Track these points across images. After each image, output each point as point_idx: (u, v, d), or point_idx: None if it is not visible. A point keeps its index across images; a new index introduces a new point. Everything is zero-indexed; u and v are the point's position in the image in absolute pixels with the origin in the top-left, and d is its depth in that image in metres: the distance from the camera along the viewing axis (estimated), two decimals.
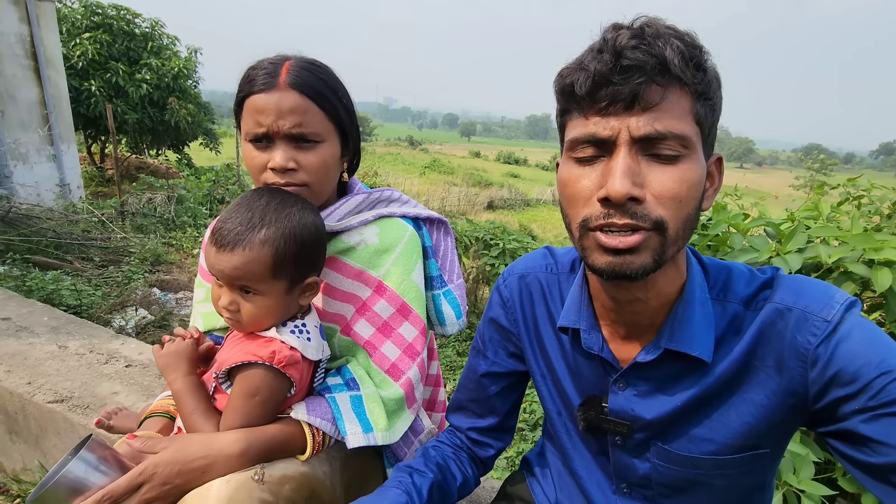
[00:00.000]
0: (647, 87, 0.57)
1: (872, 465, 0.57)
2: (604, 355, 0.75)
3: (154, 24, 11.57)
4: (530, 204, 24.54)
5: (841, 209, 1.98)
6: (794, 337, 0.62)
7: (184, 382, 0.90)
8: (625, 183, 0.57)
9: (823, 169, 42.57)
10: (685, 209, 0.60)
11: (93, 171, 11.48)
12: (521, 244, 5.53)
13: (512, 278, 0.90)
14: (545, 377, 0.86)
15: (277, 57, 0.94)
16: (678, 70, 0.56)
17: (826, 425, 0.63)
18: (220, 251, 0.83)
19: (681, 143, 0.58)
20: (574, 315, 0.77)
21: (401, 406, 0.99)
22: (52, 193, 7.39)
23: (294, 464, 0.88)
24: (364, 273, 1.02)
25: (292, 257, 0.86)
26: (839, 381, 0.59)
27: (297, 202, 0.89)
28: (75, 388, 1.55)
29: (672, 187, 0.58)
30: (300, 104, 0.89)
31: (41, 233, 5.37)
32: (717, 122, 0.64)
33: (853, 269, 1.46)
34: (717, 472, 0.70)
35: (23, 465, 1.65)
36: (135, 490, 0.77)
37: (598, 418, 0.76)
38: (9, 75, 7.13)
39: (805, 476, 1.35)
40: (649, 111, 0.57)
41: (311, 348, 0.91)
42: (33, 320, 1.97)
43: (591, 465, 0.83)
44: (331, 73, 0.97)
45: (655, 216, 0.58)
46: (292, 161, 0.91)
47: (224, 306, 0.87)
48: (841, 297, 0.62)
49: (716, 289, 0.70)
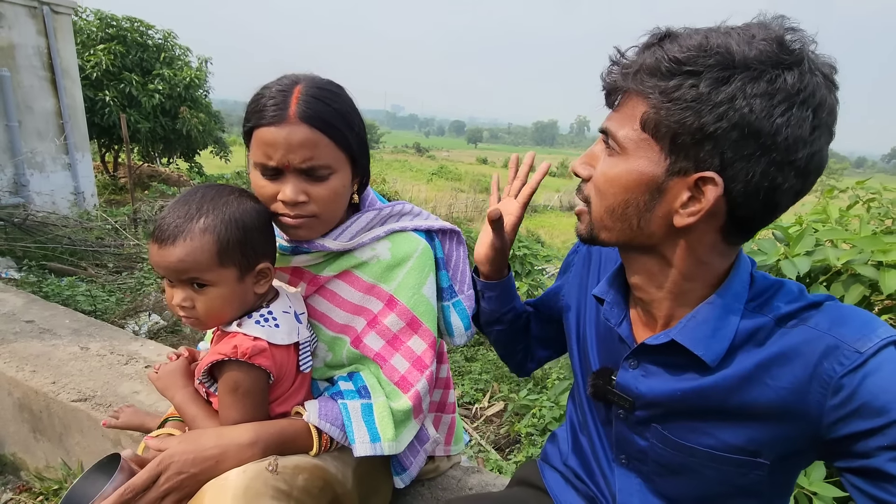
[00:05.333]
0: (612, 94, 0.69)
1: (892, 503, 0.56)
2: (619, 331, 0.79)
3: (167, 36, 11.79)
4: (538, 210, 24.49)
5: (850, 212, 1.98)
6: (821, 363, 0.61)
7: (182, 395, 0.95)
8: (575, 162, 0.76)
9: (832, 174, 42.19)
10: (606, 199, 0.69)
11: (106, 180, 11.66)
12: (530, 251, 5.54)
13: (583, 245, 1.00)
14: (579, 338, 0.92)
15: (287, 80, 0.91)
16: (629, 80, 0.64)
17: (844, 459, 0.61)
18: (162, 246, 0.83)
19: (615, 140, 0.67)
20: (605, 287, 0.83)
21: (408, 417, 1.01)
22: (67, 201, 7.51)
23: (307, 456, 0.91)
24: (376, 287, 1.03)
25: (237, 242, 0.86)
26: (864, 414, 0.58)
27: (234, 191, 0.90)
28: (97, 388, 1.59)
29: (598, 175, 0.71)
30: (310, 138, 0.87)
31: (57, 240, 5.47)
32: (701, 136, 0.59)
33: (862, 271, 1.46)
34: (711, 464, 0.71)
35: (46, 463, 1.69)
36: (153, 481, 0.80)
37: (605, 388, 0.80)
38: (26, 86, 7.30)
39: (816, 478, 1.36)
40: (614, 111, 0.69)
41: (280, 333, 0.91)
42: (55, 323, 2.02)
43: (599, 431, 0.87)
44: (343, 98, 0.94)
45: (586, 194, 0.73)
46: (303, 194, 0.90)
47: (178, 304, 0.87)
48: (884, 333, 0.60)
49: (755, 301, 0.69)
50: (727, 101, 0.57)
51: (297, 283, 1.07)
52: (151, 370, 1.00)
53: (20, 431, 1.72)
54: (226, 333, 0.92)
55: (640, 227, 0.68)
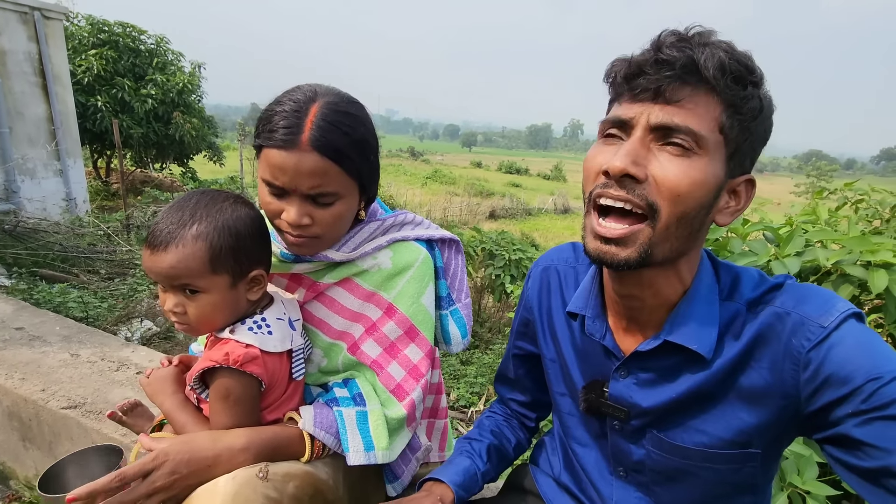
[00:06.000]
0: (674, 83, 0.60)
1: (865, 468, 0.58)
2: (605, 343, 0.78)
3: (159, 41, 11.77)
4: (532, 213, 24.58)
5: (839, 213, 2.00)
6: (790, 340, 0.64)
7: (171, 402, 0.94)
8: (625, 160, 0.61)
9: (822, 176, 42.57)
10: (681, 205, 0.61)
11: (98, 186, 11.60)
12: (524, 254, 5.56)
13: (535, 270, 0.96)
14: (554, 361, 0.90)
15: (303, 97, 0.87)
16: (710, 75, 0.59)
17: (820, 431, 0.64)
18: (155, 252, 0.83)
19: (695, 139, 0.60)
20: (582, 302, 0.81)
21: (401, 425, 1.01)
22: (59, 208, 7.46)
23: (297, 463, 0.90)
24: (376, 294, 1.03)
25: (229, 249, 0.85)
26: (831, 385, 0.60)
27: (228, 197, 0.90)
28: (88, 395, 1.58)
29: (672, 178, 0.61)
30: (320, 167, 0.85)
31: (48, 246, 5.42)
32: (753, 143, 0.65)
33: (850, 271, 1.48)
34: (706, 464, 0.72)
35: (35, 472, 1.67)
36: (145, 476, 0.79)
37: (599, 402, 0.79)
38: (17, 92, 7.26)
39: (809, 477, 1.36)
40: (672, 105, 0.61)
41: (273, 341, 0.91)
42: (46, 329, 2.00)
43: (591, 447, 0.86)
44: (361, 124, 0.91)
45: (651, 199, 0.61)
46: (307, 217, 0.89)
47: (170, 309, 0.87)
48: (843, 307, 0.63)
49: (725, 290, 0.72)
50: (769, 115, 0.65)
51: (295, 288, 1.06)
52: (143, 375, 1.00)
53: (9, 440, 1.70)
54: (218, 340, 0.91)
55: (694, 234, 0.65)
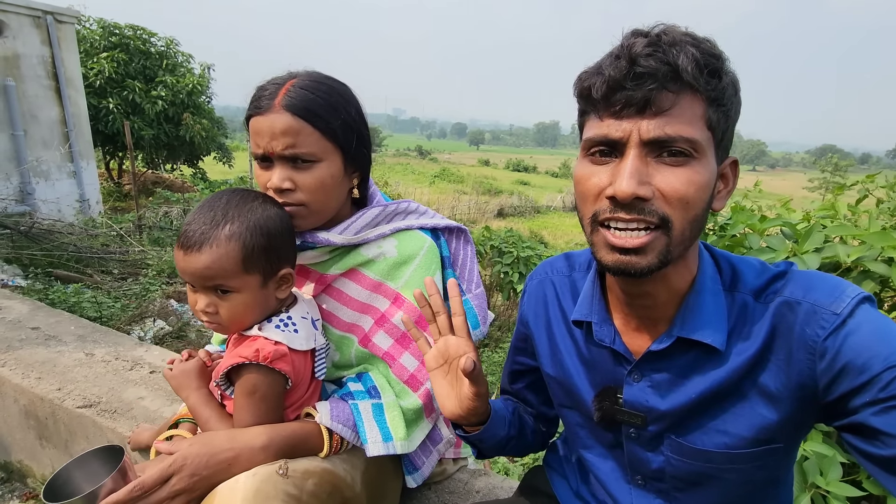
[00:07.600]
0: (658, 93, 0.59)
1: (884, 457, 0.58)
2: (615, 347, 0.76)
3: (169, 43, 11.88)
4: (540, 211, 24.51)
5: (859, 208, 1.96)
6: (803, 330, 0.63)
7: (196, 396, 0.94)
8: (631, 183, 0.60)
9: (837, 171, 41.78)
10: (692, 210, 0.62)
11: (111, 187, 11.75)
12: (534, 252, 5.53)
13: (530, 284, 0.94)
14: (556, 375, 0.87)
15: (283, 76, 0.95)
16: (690, 77, 0.59)
17: (839, 419, 0.63)
18: (188, 253, 0.84)
19: (690, 146, 0.60)
20: (586, 309, 0.79)
21: (419, 416, 1.01)
22: (73, 209, 7.57)
23: (316, 460, 0.90)
24: (382, 285, 1.03)
25: (261, 249, 0.86)
26: (848, 374, 0.59)
27: (258, 197, 0.91)
28: (103, 394, 1.59)
29: (679, 188, 0.61)
30: (292, 126, 0.89)
31: (62, 247, 5.50)
32: (732, 127, 0.66)
33: (872, 267, 1.44)
34: (729, 465, 0.70)
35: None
36: (164, 481, 0.80)
37: (613, 409, 0.77)
38: (31, 96, 7.37)
39: (833, 477, 1.33)
40: (660, 115, 0.59)
41: (299, 339, 0.92)
42: (61, 329, 2.02)
43: (606, 457, 0.83)
44: (335, 90, 0.95)
45: (662, 213, 0.61)
46: (288, 181, 0.91)
47: (202, 309, 0.87)
48: (853, 292, 0.63)
49: (727, 280, 0.71)
50: (739, 91, 0.65)
51: (303, 283, 1.07)
52: (166, 367, 1.00)
53: (26, 438, 1.72)
54: (245, 337, 0.91)
55: (702, 227, 0.66)
